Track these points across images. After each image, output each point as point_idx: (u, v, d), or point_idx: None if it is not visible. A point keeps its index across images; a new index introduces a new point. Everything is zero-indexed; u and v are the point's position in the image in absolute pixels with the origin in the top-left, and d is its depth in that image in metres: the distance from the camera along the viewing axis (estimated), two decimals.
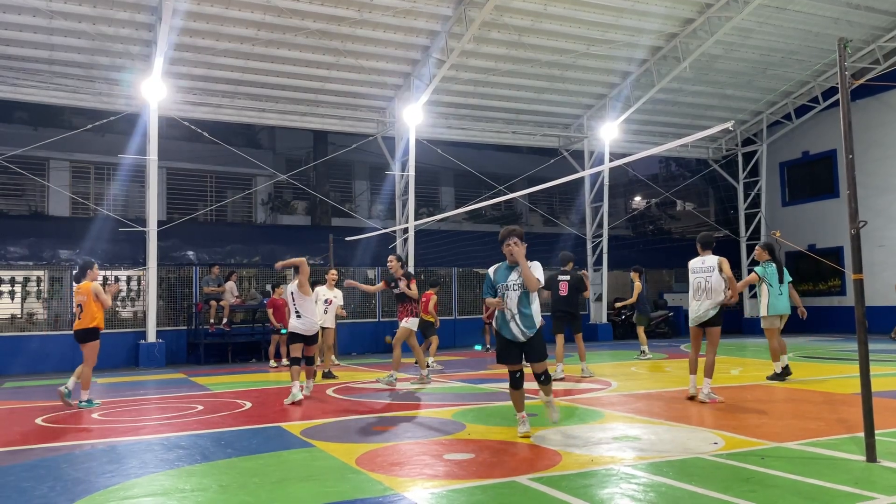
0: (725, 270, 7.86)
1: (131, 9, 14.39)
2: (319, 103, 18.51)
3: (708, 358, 7.95)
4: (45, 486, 4.84)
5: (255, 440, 6.39)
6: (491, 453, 5.49)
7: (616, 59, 19.04)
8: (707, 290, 7.89)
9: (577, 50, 17.86)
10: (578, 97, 20.61)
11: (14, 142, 17.34)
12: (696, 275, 8.06)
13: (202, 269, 17.30)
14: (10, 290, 15.96)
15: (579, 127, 21.74)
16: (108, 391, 10.95)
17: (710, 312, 7.87)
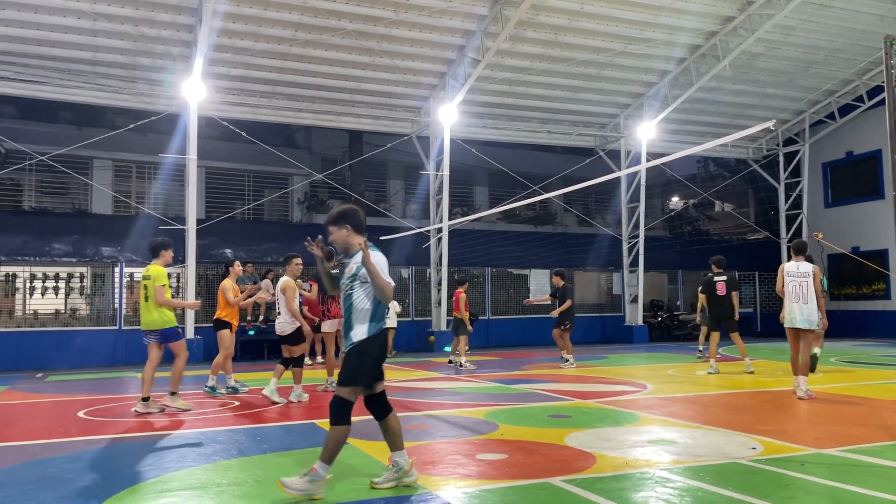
0: (816, 285, 8.43)
1: (172, 10, 14.65)
2: (355, 103, 18.64)
3: (803, 357, 8.39)
4: (87, 478, 4.95)
5: (289, 436, 6.46)
6: (524, 454, 5.46)
7: (654, 58, 18.81)
8: (803, 294, 8.38)
9: (614, 49, 17.69)
10: (615, 96, 20.41)
11: (59, 141, 17.79)
12: (792, 279, 8.53)
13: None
14: (55, 286, 16.37)
15: (616, 126, 21.53)
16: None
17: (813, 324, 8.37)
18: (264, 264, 18.11)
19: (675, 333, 21.78)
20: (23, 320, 16.42)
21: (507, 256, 20.59)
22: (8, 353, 14.97)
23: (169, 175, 20.91)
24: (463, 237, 19.66)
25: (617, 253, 21.89)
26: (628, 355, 16.11)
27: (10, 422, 7.83)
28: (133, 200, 21.05)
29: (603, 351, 17.45)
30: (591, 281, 23.75)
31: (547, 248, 21.30)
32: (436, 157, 18.85)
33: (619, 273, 22.45)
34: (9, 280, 16.16)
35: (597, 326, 21.99)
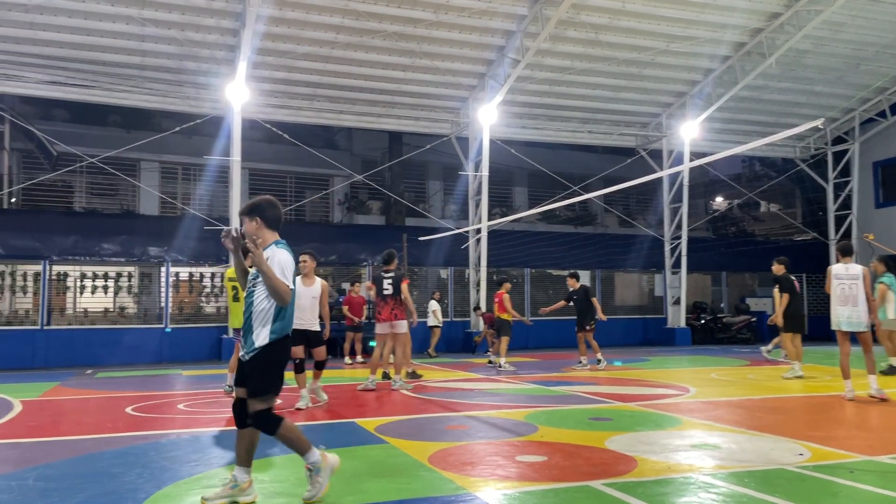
0: (867, 287, 8.34)
1: (217, 15, 14.94)
2: (395, 104, 18.75)
3: (867, 357, 8.35)
4: (134, 473, 5.07)
5: (330, 435, 6.52)
6: (564, 456, 5.42)
7: (697, 56, 18.51)
8: (852, 297, 8.30)
9: (656, 47, 17.47)
10: (657, 95, 20.14)
11: (108, 144, 18.28)
12: (841, 281, 8.45)
13: None
14: (104, 285, 16.82)
15: (658, 126, 21.24)
16: (193, 383, 11.40)
17: (861, 326, 8.29)
18: None
19: (718, 336, 21.38)
20: (73, 318, 16.92)
21: (547, 257, 20.47)
22: (59, 349, 15.44)
23: (213, 176, 21.33)
24: (502, 238, 19.62)
25: (659, 254, 21.59)
26: (670, 358, 15.88)
27: (60, 417, 8.07)
28: (179, 201, 21.51)
29: (644, 353, 17.22)
30: (632, 282, 23.48)
31: (587, 249, 21.11)
32: (475, 157, 18.85)
33: (660, 274, 22.14)
34: (60, 279, 16.66)
35: (638, 328, 21.72)
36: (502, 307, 13.58)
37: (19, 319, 16.22)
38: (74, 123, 21.85)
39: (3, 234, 16.16)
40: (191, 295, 17.87)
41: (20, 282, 16.35)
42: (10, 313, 16.42)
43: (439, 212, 24.55)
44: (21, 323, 16.01)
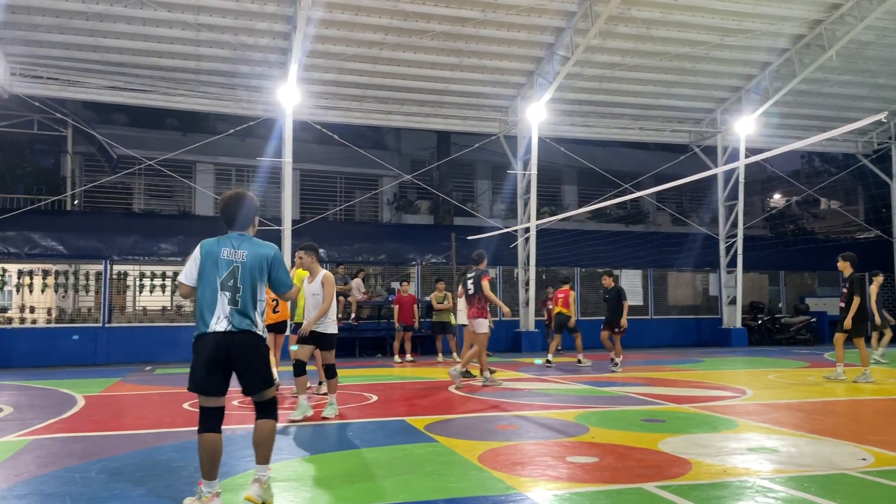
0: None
1: (269, 19, 15.21)
2: (443, 104, 18.78)
3: None
4: (192, 467, 5.20)
5: (380, 432, 6.58)
6: (616, 458, 5.35)
7: (753, 50, 18.03)
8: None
9: (710, 41, 17.08)
10: (711, 90, 19.70)
11: (165, 146, 18.82)
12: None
13: (330, 267, 18.02)
14: (162, 284, 17.31)
15: (712, 121, 20.78)
16: None
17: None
18: (355, 264, 18.52)
19: (776, 337, 20.80)
20: (133, 316, 17.46)
21: (597, 256, 20.23)
22: (119, 346, 15.95)
23: (266, 177, 21.75)
24: (551, 236, 19.48)
25: (713, 253, 21.13)
26: (726, 359, 15.52)
27: (121, 412, 8.33)
28: None
29: (698, 354, 16.87)
30: (685, 282, 23.03)
31: (638, 248, 20.79)
32: (523, 156, 18.76)
33: (715, 274, 21.67)
34: (120, 278, 17.21)
35: (691, 329, 21.30)
36: (566, 303, 13.72)
37: (82, 317, 16.82)
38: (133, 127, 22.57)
39: (67, 235, 16.76)
40: None
41: (83, 281, 16.94)
42: (73, 311, 17.03)
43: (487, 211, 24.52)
44: (84, 321, 16.59)
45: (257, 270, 4.22)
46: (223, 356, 4.09)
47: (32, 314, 16.47)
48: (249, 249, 4.24)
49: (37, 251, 16.32)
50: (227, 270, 4.16)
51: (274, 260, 4.29)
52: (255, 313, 4.19)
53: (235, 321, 4.10)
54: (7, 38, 14.84)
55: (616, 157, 24.40)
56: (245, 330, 4.12)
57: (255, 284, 4.20)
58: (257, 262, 4.22)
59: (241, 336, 4.11)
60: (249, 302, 4.16)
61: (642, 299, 21.11)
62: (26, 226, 16.37)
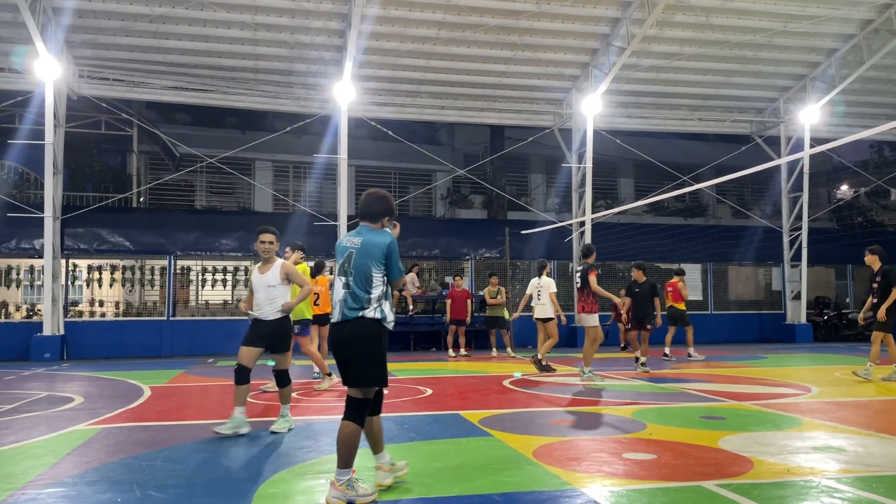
0: None
1: (324, 17, 15.41)
2: (497, 98, 18.71)
3: None
4: (252, 457, 5.34)
5: (435, 426, 6.61)
6: (674, 455, 5.26)
7: (818, 36, 17.40)
8: None
9: (772, 28, 16.55)
10: (774, 79, 19.09)
11: (225, 144, 19.29)
12: None
13: None
14: (223, 279, 17.77)
15: (775, 111, 20.15)
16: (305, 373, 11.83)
17: None
18: (409, 259, 18.64)
19: (843, 333, 20.06)
20: (196, 310, 17.98)
21: (654, 250, 19.86)
22: (183, 339, 16.46)
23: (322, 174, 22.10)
24: (607, 230, 19.21)
25: (776, 246, 20.50)
26: (789, 356, 15.06)
27: (185, 403, 8.60)
28: (290, 198, 22.39)
29: (761, 350, 16.42)
30: (747, 276, 22.41)
31: (698, 242, 20.33)
32: (578, 149, 18.55)
33: (778, 268, 21.03)
34: (184, 273, 17.74)
35: (753, 324, 20.73)
36: (677, 296, 13.57)
37: (148, 311, 17.41)
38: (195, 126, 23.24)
39: (133, 231, 17.37)
40: None
41: (148, 276, 17.53)
42: (139, 305, 17.65)
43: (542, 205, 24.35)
44: (150, 314, 17.18)
45: (369, 256, 4.32)
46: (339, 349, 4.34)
47: (101, 308, 17.14)
48: (365, 237, 4.41)
49: (105, 247, 16.97)
50: (343, 256, 4.40)
51: (389, 247, 4.39)
52: (370, 296, 4.29)
53: (344, 310, 4.30)
54: (75, 41, 15.44)
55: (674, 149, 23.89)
56: (357, 317, 4.27)
57: (367, 269, 4.31)
58: (370, 249, 4.34)
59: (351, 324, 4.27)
60: (361, 287, 4.29)
61: (701, 294, 20.65)
62: (95, 223, 17.02)
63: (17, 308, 17.09)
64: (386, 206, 4.51)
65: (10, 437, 6.22)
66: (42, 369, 12.84)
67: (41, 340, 14.83)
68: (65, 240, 16.27)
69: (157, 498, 4.26)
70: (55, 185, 15.11)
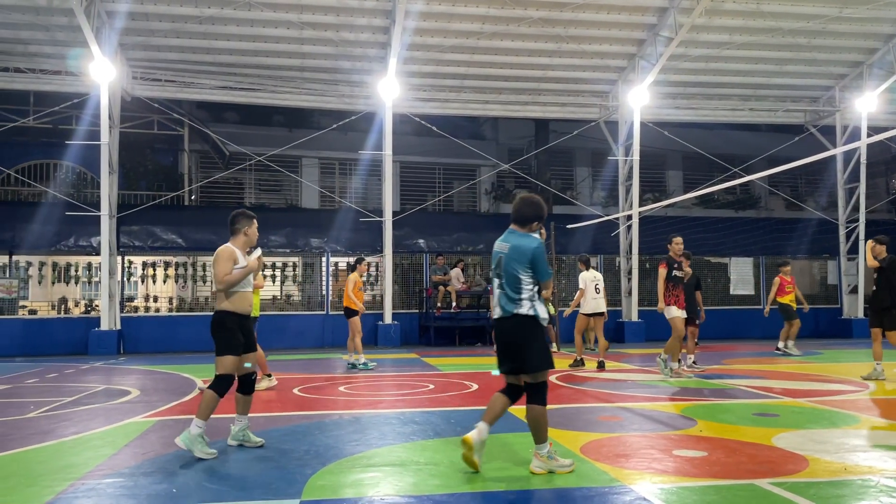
0: None
1: (369, 14, 15.51)
2: (541, 91, 18.58)
3: None
4: (301, 449, 5.43)
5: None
6: (726, 452, 5.16)
7: (875, 21, 16.79)
8: None
9: (827, 14, 16.03)
10: (829, 66, 18.51)
11: (272, 142, 19.59)
12: None
13: (431, 257, 18.27)
14: (272, 275, 18.08)
15: (830, 100, 19.54)
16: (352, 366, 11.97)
17: None
18: (454, 254, 18.68)
19: None
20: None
21: (704, 244, 19.46)
22: None
23: (367, 170, 22.26)
24: (654, 224, 18.89)
25: (832, 239, 19.90)
26: (846, 351, 14.61)
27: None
28: (336, 195, 22.63)
29: (816, 346, 15.97)
30: (801, 270, 21.80)
31: (749, 235, 19.85)
32: (625, 141, 18.30)
33: (834, 261, 20.41)
34: None
35: (808, 319, 20.08)
36: (782, 290, 13.70)
37: (200, 306, 17.82)
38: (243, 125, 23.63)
39: (185, 229, 17.79)
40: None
41: (200, 272, 17.94)
42: (192, 301, 18.07)
43: (588, 199, 24.08)
44: (202, 309, 17.57)
45: (516, 260, 4.61)
46: (499, 340, 4.76)
47: (156, 303, 17.61)
48: (512, 241, 4.70)
49: (158, 244, 17.43)
50: (495, 260, 4.76)
51: (535, 252, 4.62)
52: (521, 297, 4.60)
53: (502, 306, 4.66)
54: (128, 44, 15.87)
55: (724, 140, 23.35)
56: (513, 314, 4.61)
57: (515, 272, 4.60)
58: (517, 254, 4.62)
59: (510, 320, 4.62)
60: (512, 288, 4.61)
61: (753, 288, 20.18)
62: (149, 220, 17.48)
63: (76, 303, 17.68)
64: (537, 211, 4.77)
65: (70, 428, 6.45)
66: (100, 363, 13.27)
67: (99, 335, 15.33)
68: (120, 237, 16.77)
69: (211, 489, 4.36)
70: (111, 185, 15.57)
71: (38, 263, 17.41)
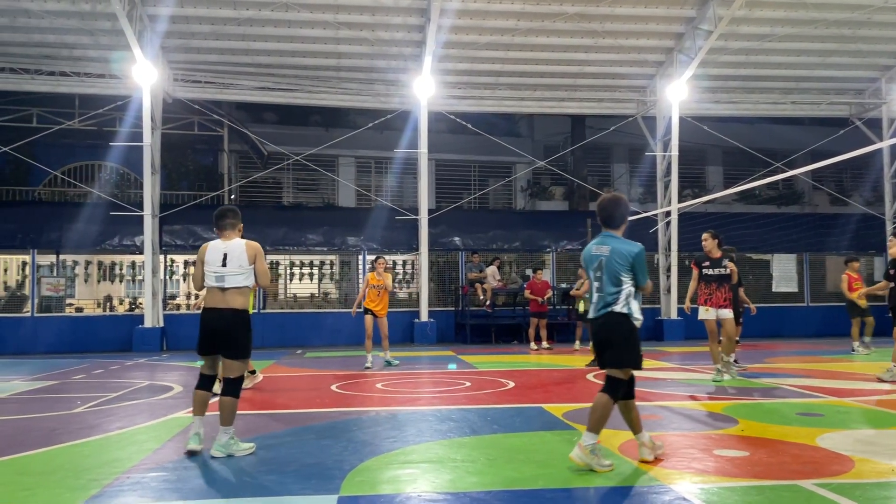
0: None
1: (404, 13, 15.57)
2: (577, 87, 18.43)
3: None
4: (340, 445, 5.48)
5: (518, 419, 6.60)
6: (768, 452, 5.06)
7: None
8: None
9: (872, 4, 15.58)
10: (875, 58, 18.00)
11: (309, 142, 19.80)
12: None
13: (467, 254, 18.27)
14: (309, 273, 18.29)
15: (876, 91, 19.01)
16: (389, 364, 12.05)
17: None
18: (490, 251, 18.64)
19: None
20: (284, 303, 18.58)
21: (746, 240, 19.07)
22: (273, 331, 17.03)
23: (402, 169, 22.36)
24: (694, 220, 18.58)
25: (878, 234, 19.35)
26: None
27: (277, 392, 8.90)
28: (372, 193, 22.77)
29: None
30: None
31: (792, 231, 19.43)
32: (663, 136, 18.05)
33: (881, 257, 19.85)
34: (272, 267, 18.35)
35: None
36: (851, 287, 13.29)
37: None
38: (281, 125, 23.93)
39: None
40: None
41: None
42: None
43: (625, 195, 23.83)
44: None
45: (617, 264, 4.78)
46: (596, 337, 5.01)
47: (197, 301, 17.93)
48: (613, 245, 4.84)
49: (200, 243, 17.54)
50: (594, 263, 4.88)
51: (636, 257, 4.79)
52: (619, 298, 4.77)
53: (599, 307, 4.85)
54: (169, 46, 16.18)
55: (765, 135, 22.88)
56: (608, 312, 4.80)
57: (618, 275, 4.77)
58: (618, 258, 4.78)
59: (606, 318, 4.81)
60: (611, 289, 4.78)
61: (797, 285, 19.75)
62: (190, 220, 17.81)
63: (121, 301, 18.11)
64: (626, 211, 5.02)
65: (115, 423, 6.61)
66: (143, 359, 13.58)
67: (142, 332, 15.68)
68: (163, 236, 17.12)
69: (252, 483, 4.43)
70: (153, 185, 15.91)
71: (83, 262, 17.89)
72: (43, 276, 16.99)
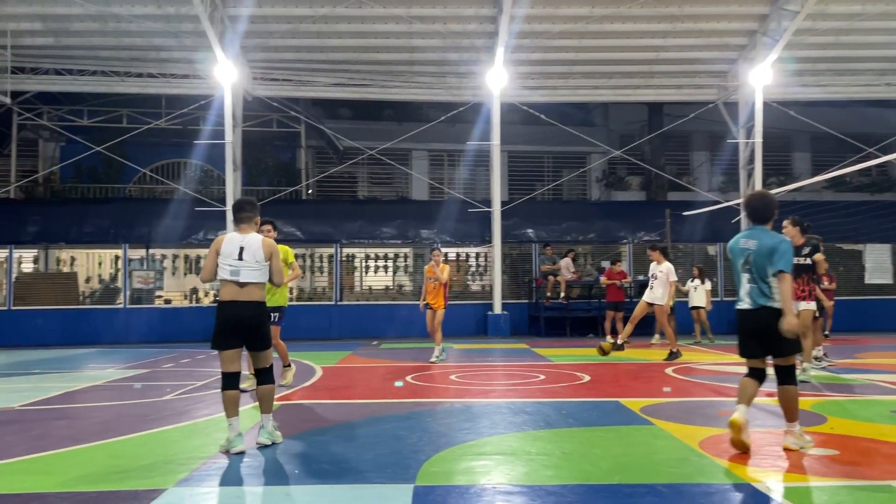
0: None
1: (476, 4, 15.53)
2: (654, 74, 17.97)
3: None
4: (415, 436, 5.54)
5: (594, 412, 6.51)
6: (859, 452, 4.83)
7: None
8: None
9: None
10: None
11: (383, 136, 20.04)
12: None
13: (540, 246, 18.12)
14: (384, 265, 18.54)
15: None
16: (463, 356, 12.11)
17: None
18: (564, 243, 18.43)
19: None
20: (360, 295, 18.91)
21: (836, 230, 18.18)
22: (349, 322, 17.37)
23: (475, 161, 22.34)
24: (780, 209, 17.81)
25: None
26: None
27: (353, 383, 9.08)
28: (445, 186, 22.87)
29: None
30: None
31: (887, 219, 18.39)
32: (746, 122, 17.40)
33: None
34: (349, 260, 18.71)
35: None
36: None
37: (318, 296, 18.55)
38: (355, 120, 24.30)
39: (303, 222, 18.54)
40: (458, 273, 18.95)
41: (317, 263, 18.66)
42: (310, 290, 18.84)
43: (705, 184, 23.09)
44: (319, 299, 18.29)
45: (766, 258, 4.93)
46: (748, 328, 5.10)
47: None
48: (759, 239, 5.03)
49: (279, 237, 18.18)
50: (742, 258, 5.06)
51: (778, 248, 4.92)
52: (771, 291, 4.92)
53: (754, 298, 4.98)
54: (249, 46, 16.67)
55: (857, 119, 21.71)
56: (763, 306, 4.94)
57: (764, 268, 4.93)
58: (766, 251, 4.94)
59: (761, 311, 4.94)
60: (762, 282, 4.95)
61: (892, 277, 18.71)
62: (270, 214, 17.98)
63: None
64: (773, 208, 5.21)
65: (203, 410, 6.89)
66: None
67: None
68: None
69: (330, 471, 4.54)
70: (235, 181, 16.46)
71: (171, 256, 18.68)
72: (134, 269, 17.84)
